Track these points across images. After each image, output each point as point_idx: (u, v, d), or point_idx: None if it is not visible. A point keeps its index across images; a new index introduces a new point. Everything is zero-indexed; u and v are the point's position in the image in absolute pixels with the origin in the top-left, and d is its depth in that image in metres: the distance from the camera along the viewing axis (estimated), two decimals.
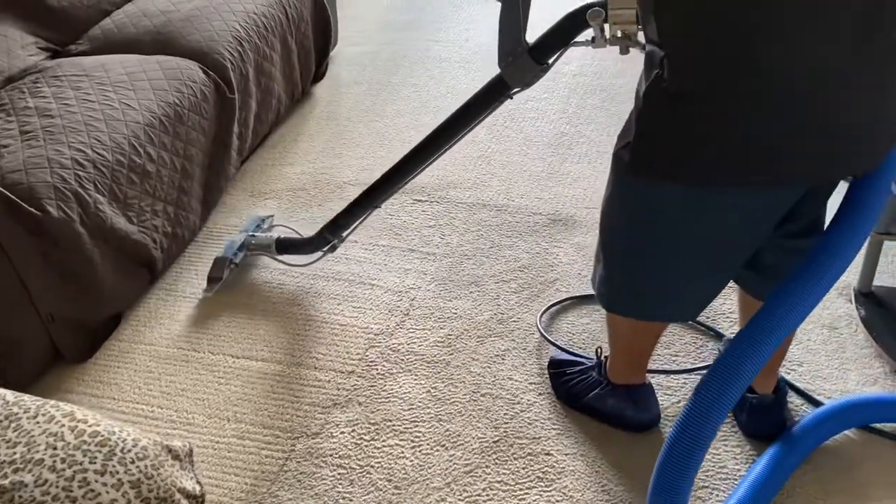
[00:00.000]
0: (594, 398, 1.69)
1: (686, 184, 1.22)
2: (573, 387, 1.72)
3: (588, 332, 1.92)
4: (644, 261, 1.38)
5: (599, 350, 1.76)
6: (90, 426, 1.23)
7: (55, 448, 1.19)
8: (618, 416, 1.67)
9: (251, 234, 2.15)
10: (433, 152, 1.75)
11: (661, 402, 1.73)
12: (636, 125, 1.22)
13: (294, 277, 2.14)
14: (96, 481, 1.16)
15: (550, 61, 1.47)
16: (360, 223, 1.93)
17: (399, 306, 2.03)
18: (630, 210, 1.34)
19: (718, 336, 1.88)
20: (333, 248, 2.00)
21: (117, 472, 1.18)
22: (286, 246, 2.09)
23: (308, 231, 2.11)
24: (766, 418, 1.62)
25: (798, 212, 1.32)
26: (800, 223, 1.36)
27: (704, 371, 1.76)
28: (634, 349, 1.62)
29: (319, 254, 2.02)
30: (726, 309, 1.95)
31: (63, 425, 1.23)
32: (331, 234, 1.96)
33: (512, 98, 1.58)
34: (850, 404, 1.63)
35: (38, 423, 1.23)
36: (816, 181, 1.27)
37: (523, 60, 1.44)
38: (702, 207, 1.25)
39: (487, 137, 2.68)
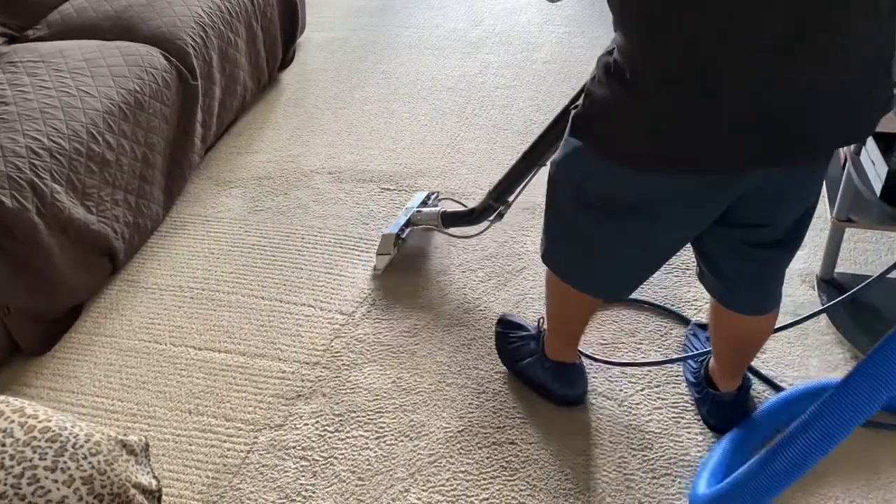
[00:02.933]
0: (526, 365, 1.75)
1: (612, 158, 1.22)
2: (511, 350, 1.79)
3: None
4: (582, 222, 1.37)
5: (541, 321, 1.80)
6: (40, 422, 1.21)
7: (3, 445, 1.16)
8: (543, 388, 1.72)
9: (417, 209, 2.14)
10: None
11: (624, 391, 1.74)
12: (588, 89, 1.24)
13: (258, 267, 2.12)
14: (46, 478, 1.14)
15: None
16: (526, 185, 1.86)
17: (365, 296, 2.02)
18: (573, 169, 1.33)
19: (685, 322, 1.89)
20: (500, 216, 1.95)
21: (69, 469, 1.16)
22: (452, 218, 2.07)
23: (472, 203, 2.07)
24: (726, 414, 1.64)
25: (756, 216, 1.29)
26: (763, 232, 1.33)
27: (663, 364, 1.77)
28: (566, 326, 1.65)
29: (487, 223, 1.99)
30: (691, 297, 1.95)
31: (13, 421, 1.20)
32: (495, 201, 1.91)
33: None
34: (812, 390, 1.65)
35: None
36: (733, 170, 1.20)
37: None
38: (628, 181, 1.24)
39: (457, 125, 2.66)
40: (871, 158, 1.74)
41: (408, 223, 2.11)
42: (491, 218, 1.96)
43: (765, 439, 1.60)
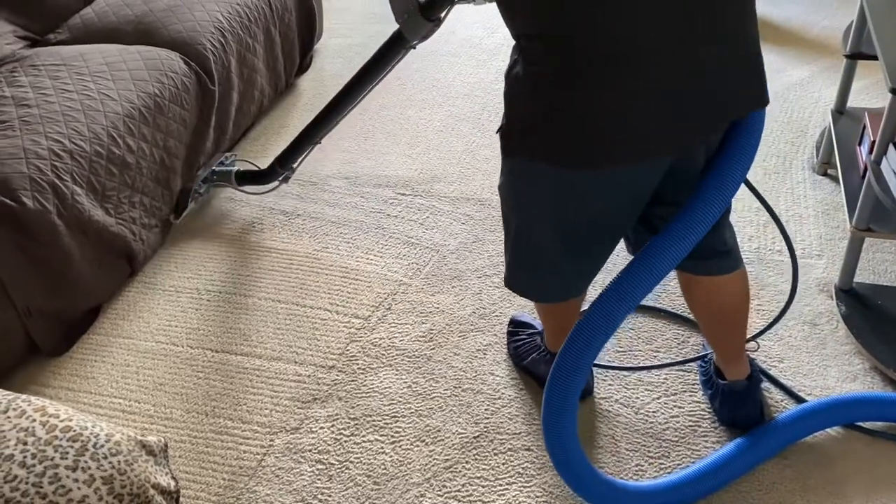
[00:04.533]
0: (531, 362, 1.77)
1: (543, 162, 1.25)
2: (519, 347, 1.82)
3: None
4: (526, 238, 1.42)
5: None
6: (62, 421, 1.22)
7: (25, 444, 1.17)
8: None
9: (214, 168, 2.37)
10: (353, 98, 1.96)
11: (641, 399, 1.73)
12: (505, 106, 1.29)
13: (275, 270, 2.12)
14: (67, 477, 1.14)
15: (441, 16, 1.57)
16: (304, 159, 2.17)
17: (381, 300, 2.02)
18: (509, 189, 1.39)
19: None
20: (286, 179, 2.25)
21: (89, 468, 1.17)
22: (244, 177, 2.33)
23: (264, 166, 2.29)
24: (738, 404, 1.63)
25: (679, 191, 1.34)
26: (685, 190, 1.36)
27: (678, 365, 1.78)
28: (556, 325, 1.67)
29: (276, 183, 2.26)
30: None
31: (34, 420, 1.21)
32: (281, 166, 2.19)
33: (415, 48, 1.72)
34: (831, 403, 1.63)
35: (8, 417, 1.21)
36: (648, 154, 1.25)
37: (415, 18, 1.55)
38: (566, 185, 1.27)
39: (472, 132, 2.66)
40: (892, 167, 1.73)
41: (205, 180, 2.34)
42: (279, 180, 2.23)
43: (776, 449, 1.59)
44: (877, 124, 1.77)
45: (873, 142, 1.79)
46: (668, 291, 1.97)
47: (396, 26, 1.63)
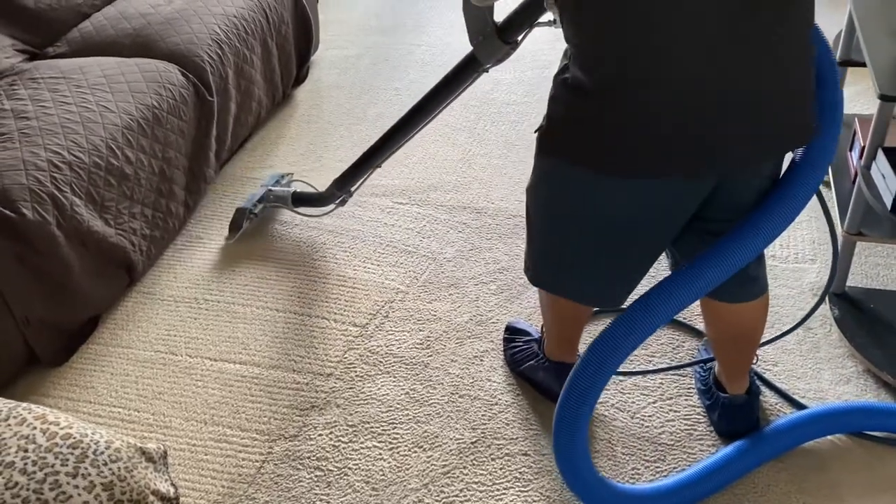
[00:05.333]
0: (529, 368, 1.79)
1: (581, 166, 1.27)
2: (515, 354, 1.83)
3: None
4: (558, 238, 1.43)
5: (543, 326, 1.83)
6: (62, 428, 1.23)
7: (26, 451, 1.18)
8: (546, 389, 1.75)
9: (270, 188, 2.32)
10: (420, 121, 1.86)
11: (636, 403, 1.75)
12: (547, 108, 1.30)
13: (273, 280, 2.14)
14: (68, 483, 1.16)
15: (519, 39, 1.53)
16: (364, 181, 2.07)
17: (378, 308, 2.03)
18: (543, 188, 1.40)
19: (698, 334, 1.90)
20: (343, 202, 2.16)
21: (89, 475, 1.18)
22: (301, 199, 2.26)
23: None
24: (737, 417, 1.64)
25: (724, 210, 1.33)
26: (731, 218, 1.35)
27: (676, 370, 1.80)
28: (561, 333, 1.69)
29: (332, 207, 2.19)
30: None
31: (35, 428, 1.22)
32: (338, 189, 2.10)
33: (487, 72, 1.64)
34: (827, 412, 1.64)
35: (9, 425, 1.23)
36: (694, 177, 1.26)
37: (492, 40, 1.50)
38: (600, 190, 1.28)
39: (468, 140, 2.68)
40: (882, 172, 1.76)
41: (261, 199, 2.29)
42: (336, 203, 2.16)
43: (772, 455, 1.60)
44: (866, 130, 1.79)
45: (863, 147, 1.81)
46: None
47: (391, 37, 1.63)
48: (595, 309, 1.83)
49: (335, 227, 2.32)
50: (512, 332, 1.89)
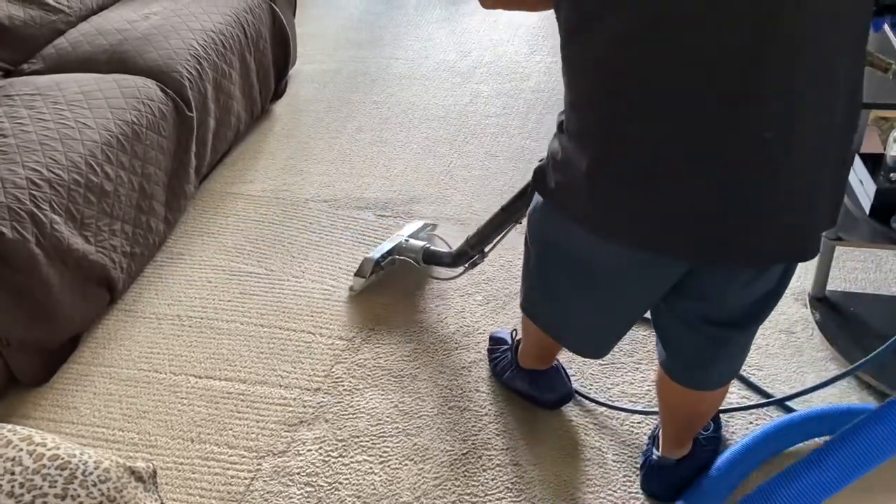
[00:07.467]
0: (508, 378, 1.80)
1: (559, 210, 1.22)
2: (496, 364, 1.84)
3: None
4: (545, 273, 1.37)
5: (514, 332, 1.84)
6: (49, 449, 1.20)
7: (13, 473, 1.15)
8: (528, 395, 1.76)
9: (406, 238, 2.16)
10: None
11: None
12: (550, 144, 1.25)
13: (256, 295, 2.12)
14: None
15: None
16: (502, 238, 1.82)
17: (364, 322, 2.02)
18: (532, 216, 1.35)
19: None
20: (474, 264, 1.95)
21: (79, 496, 1.15)
22: (432, 257, 2.08)
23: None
24: (653, 479, 1.58)
25: (704, 291, 1.24)
26: (712, 308, 1.27)
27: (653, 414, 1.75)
28: (543, 349, 1.68)
29: (461, 269, 1.99)
30: None
31: (21, 449, 1.19)
32: (472, 248, 1.90)
33: None
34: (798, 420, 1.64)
35: None
36: (661, 253, 1.16)
37: None
38: (580, 237, 1.21)
39: (449, 153, 2.69)
40: (859, 178, 1.79)
41: (391, 251, 2.12)
42: (466, 265, 1.95)
43: (757, 465, 1.61)
44: None
45: None
46: None
47: (368, 51, 1.58)
48: None
49: (319, 241, 2.31)
50: (494, 343, 1.89)
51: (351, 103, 3.02)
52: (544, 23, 3.56)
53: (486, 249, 1.89)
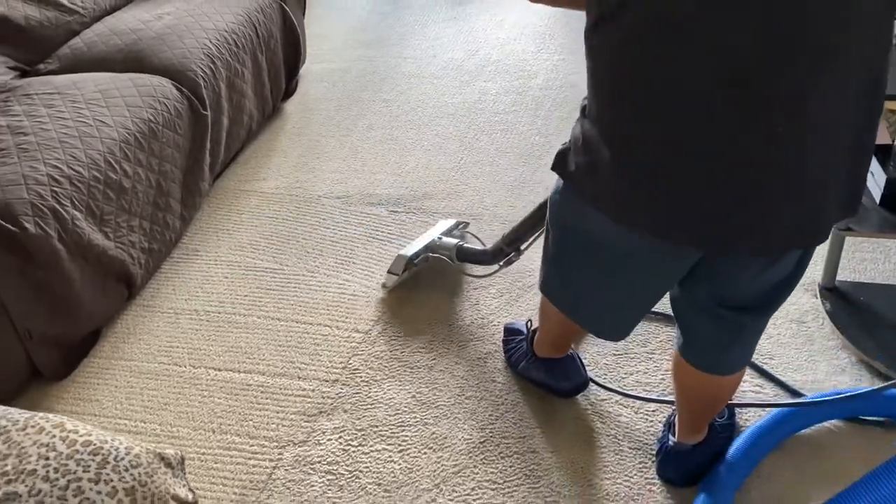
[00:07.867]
0: (523, 367, 1.82)
1: (577, 193, 1.24)
2: (511, 355, 1.86)
3: None
4: (563, 255, 1.40)
5: (529, 323, 1.87)
6: (81, 436, 1.23)
7: (47, 458, 1.18)
8: (544, 384, 1.78)
9: (439, 236, 2.15)
10: None
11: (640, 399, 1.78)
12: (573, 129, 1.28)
13: (273, 290, 2.15)
14: (91, 489, 1.16)
15: None
16: (539, 236, 1.80)
17: (380, 314, 2.05)
18: (553, 199, 1.38)
19: None
20: (510, 262, 1.95)
21: (111, 480, 1.18)
22: (466, 254, 2.08)
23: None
24: (670, 465, 1.59)
25: (719, 277, 1.27)
26: (728, 293, 1.29)
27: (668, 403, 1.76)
28: (560, 336, 1.70)
29: (496, 266, 2.00)
30: None
31: (54, 436, 1.22)
32: (508, 246, 1.90)
33: None
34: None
35: (27, 434, 1.22)
36: (675, 243, 1.18)
37: None
38: (597, 220, 1.23)
39: (460, 150, 2.72)
40: (871, 169, 1.81)
41: (425, 248, 2.12)
42: (501, 262, 1.97)
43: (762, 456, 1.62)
44: None
45: None
46: None
47: (377, 50, 1.57)
48: None
49: (332, 236, 2.33)
50: (508, 333, 1.92)
51: (361, 102, 3.05)
52: (551, 21, 3.59)
53: (522, 247, 1.90)
